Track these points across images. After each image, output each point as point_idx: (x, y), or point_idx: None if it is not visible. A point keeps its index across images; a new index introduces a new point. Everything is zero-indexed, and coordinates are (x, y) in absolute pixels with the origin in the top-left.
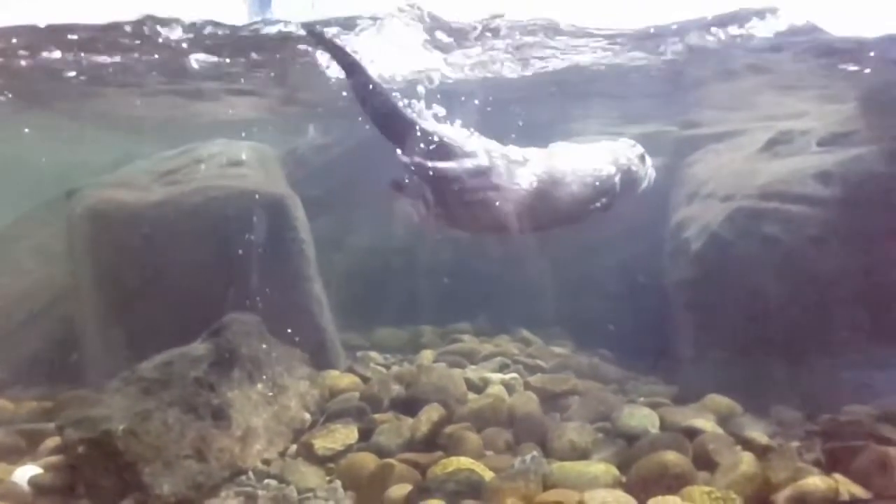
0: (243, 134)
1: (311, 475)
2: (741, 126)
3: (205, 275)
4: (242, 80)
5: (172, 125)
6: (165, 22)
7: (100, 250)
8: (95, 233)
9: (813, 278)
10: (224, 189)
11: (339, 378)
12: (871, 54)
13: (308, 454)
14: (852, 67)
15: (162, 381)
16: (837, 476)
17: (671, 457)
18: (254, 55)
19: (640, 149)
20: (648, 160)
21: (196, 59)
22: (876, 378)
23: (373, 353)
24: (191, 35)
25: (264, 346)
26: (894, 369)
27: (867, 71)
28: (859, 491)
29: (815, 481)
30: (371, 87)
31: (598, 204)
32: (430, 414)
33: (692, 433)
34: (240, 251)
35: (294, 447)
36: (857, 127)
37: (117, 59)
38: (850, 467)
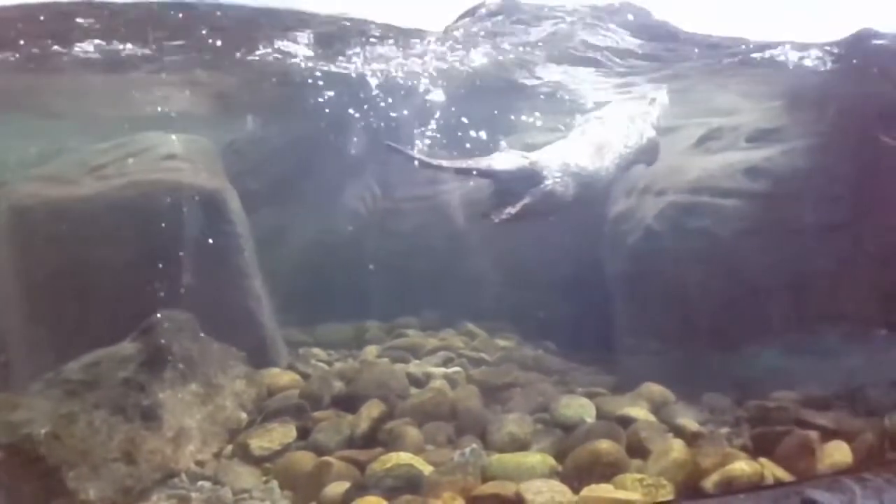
0: (179, 126)
1: (246, 476)
2: (677, 122)
3: (136, 271)
4: (179, 70)
5: (105, 116)
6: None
7: (25, 247)
8: (20, 229)
9: (741, 269)
10: (157, 183)
11: (279, 376)
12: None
13: (244, 454)
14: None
15: (88, 383)
16: (763, 460)
17: (605, 445)
18: (188, 42)
19: (651, 99)
20: (657, 101)
21: (128, 46)
22: (800, 364)
23: (315, 350)
24: (122, 19)
25: (197, 344)
26: (817, 356)
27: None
28: (783, 474)
29: (742, 466)
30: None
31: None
32: (371, 410)
33: (626, 421)
34: (173, 247)
35: (230, 447)
36: (784, 123)
37: (46, 43)
38: (775, 451)
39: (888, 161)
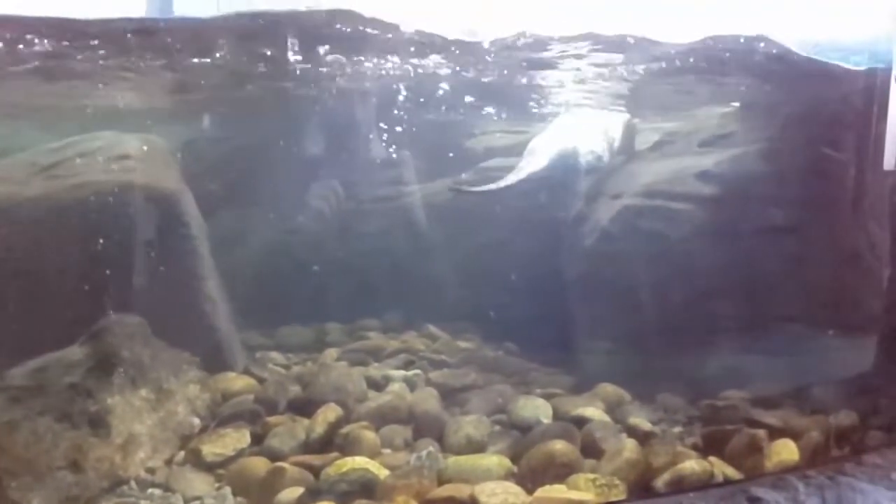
0: (135, 126)
1: (198, 482)
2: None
3: (86, 274)
4: (136, 71)
5: (57, 115)
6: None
7: None
8: None
9: (693, 271)
10: (108, 184)
11: (233, 380)
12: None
13: (196, 461)
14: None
15: (32, 389)
16: (713, 459)
17: (559, 446)
18: (149, 46)
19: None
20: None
21: (86, 46)
22: (750, 364)
23: (273, 353)
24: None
25: (148, 349)
26: (767, 356)
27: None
28: (732, 472)
29: (692, 465)
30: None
31: None
32: (327, 414)
33: (581, 422)
34: (124, 249)
35: (181, 454)
36: (735, 129)
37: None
38: (724, 450)
39: (834, 166)
